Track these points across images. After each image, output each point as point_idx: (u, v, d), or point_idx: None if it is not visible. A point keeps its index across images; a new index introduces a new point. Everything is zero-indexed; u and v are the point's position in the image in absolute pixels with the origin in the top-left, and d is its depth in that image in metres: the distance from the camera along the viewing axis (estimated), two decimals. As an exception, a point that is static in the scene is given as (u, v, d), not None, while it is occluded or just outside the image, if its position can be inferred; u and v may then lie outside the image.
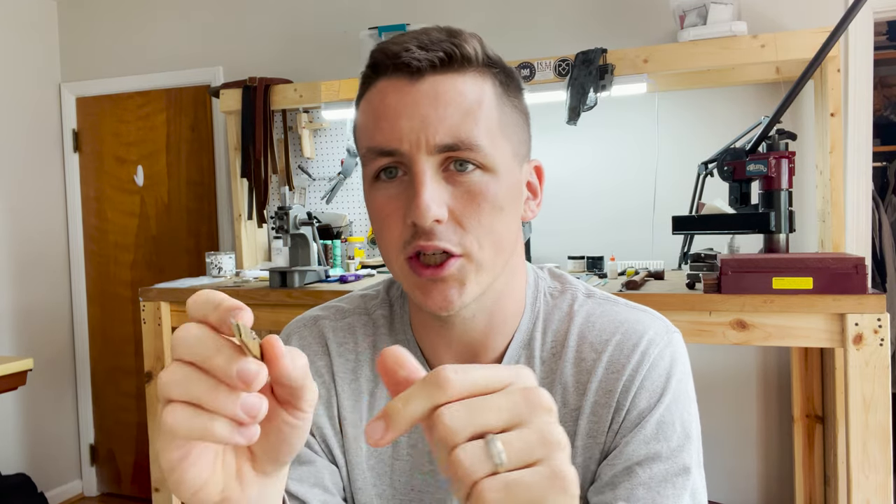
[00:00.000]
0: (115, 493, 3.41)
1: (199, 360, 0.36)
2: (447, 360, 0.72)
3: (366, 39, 2.47)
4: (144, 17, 3.21)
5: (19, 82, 3.16)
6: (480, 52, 0.63)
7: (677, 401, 0.67)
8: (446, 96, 0.61)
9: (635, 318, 0.71)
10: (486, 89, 0.63)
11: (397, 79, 0.62)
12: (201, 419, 0.36)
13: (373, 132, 0.63)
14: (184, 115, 3.18)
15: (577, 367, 0.69)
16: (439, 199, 0.60)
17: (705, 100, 2.44)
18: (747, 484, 2.46)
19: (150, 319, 2.27)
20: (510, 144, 0.65)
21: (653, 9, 2.46)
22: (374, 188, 0.65)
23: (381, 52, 0.64)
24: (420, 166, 0.60)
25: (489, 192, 0.62)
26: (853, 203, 2.25)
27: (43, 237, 3.28)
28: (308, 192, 2.90)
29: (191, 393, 0.36)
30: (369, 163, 0.64)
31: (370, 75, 0.66)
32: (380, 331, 0.76)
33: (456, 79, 0.62)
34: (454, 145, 0.60)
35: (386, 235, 0.64)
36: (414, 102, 0.61)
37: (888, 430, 1.62)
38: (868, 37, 2.24)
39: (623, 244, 2.49)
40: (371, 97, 0.65)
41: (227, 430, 0.36)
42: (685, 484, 0.64)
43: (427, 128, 0.60)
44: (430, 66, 0.61)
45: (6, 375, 2.04)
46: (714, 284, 1.74)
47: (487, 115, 0.62)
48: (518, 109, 0.67)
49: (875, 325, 1.60)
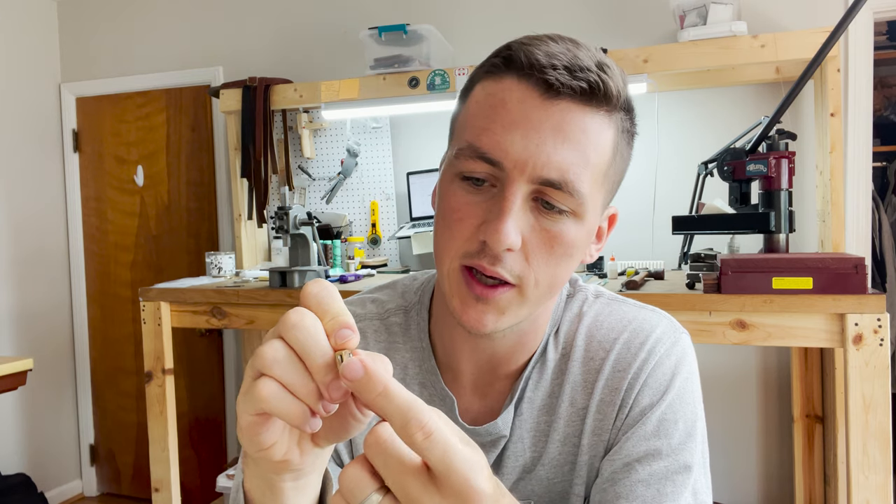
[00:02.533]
0: (115, 493, 3.41)
1: (303, 354, 0.40)
2: (466, 370, 0.71)
3: (366, 39, 2.47)
4: (144, 17, 3.21)
5: (19, 82, 3.16)
6: (623, 94, 0.60)
7: (681, 399, 0.67)
8: (570, 129, 0.57)
9: (643, 316, 0.71)
10: (608, 134, 0.60)
11: (529, 88, 0.58)
12: (287, 402, 0.40)
13: (480, 132, 0.59)
14: (184, 115, 3.18)
15: (585, 367, 0.69)
16: (518, 229, 0.58)
17: (705, 100, 2.44)
18: (747, 484, 2.46)
19: (150, 319, 2.27)
20: (605, 193, 0.63)
21: (653, 9, 2.46)
22: (457, 185, 0.61)
23: (525, 53, 0.58)
24: (514, 190, 0.57)
25: (568, 238, 0.60)
26: (853, 203, 2.25)
27: (43, 237, 3.28)
28: (308, 192, 2.90)
29: (286, 378, 0.40)
30: (463, 159, 0.59)
31: (500, 66, 0.60)
32: (394, 338, 0.75)
33: (587, 114, 0.58)
34: (558, 183, 0.57)
35: (450, 236, 0.61)
36: (538, 122, 0.57)
37: (888, 431, 1.62)
38: (868, 37, 2.24)
39: (623, 244, 2.49)
40: (493, 90, 0.60)
41: (303, 419, 0.41)
42: (686, 482, 0.64)
43: (539, 155, 0.57)
44: (569, 92, 0.57)
45: (6, 375, 2.04)
46: (714, 284, 1.74)
47: (599, 161, 0.60)
48: (625, 159, 0.65)
49: (875, 325, 1.60)
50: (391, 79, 2.46)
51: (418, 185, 2.68)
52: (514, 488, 0.70)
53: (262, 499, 0.48)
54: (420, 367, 0.73)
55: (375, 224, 2.79)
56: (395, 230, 2.78)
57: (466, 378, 0.72)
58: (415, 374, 0.73)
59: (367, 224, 2.81)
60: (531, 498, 0.70)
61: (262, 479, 0.47)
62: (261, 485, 0.47)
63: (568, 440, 0.69)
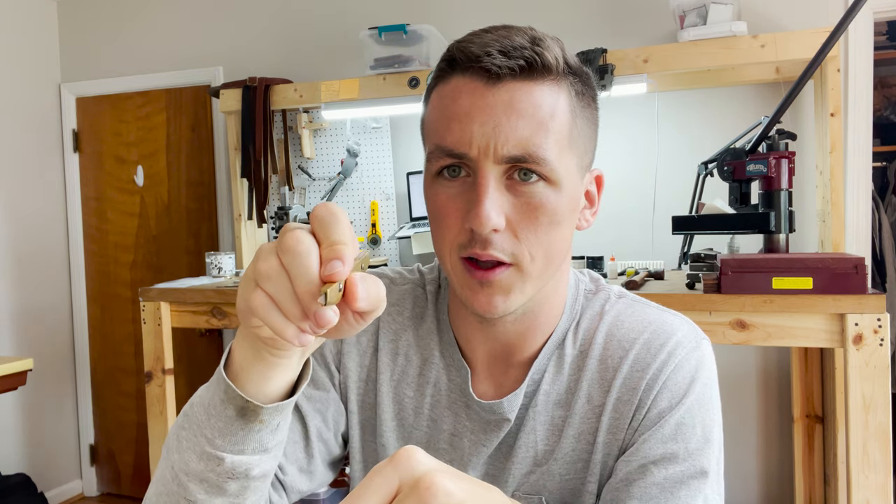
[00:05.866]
0: (115, 493, 3.41)
1: (293, 276, 0.43)
2: (480, 355, 0.73)
3: (366, 39, 2.47)
4: (144, 17, 3.21)
5: (19, 82, 3.16)
6: (561, 60, 0.63)
7: (700, 404, 0.67)
8: (520, 105, 0.61)
9: (665, 319, 0.71)
10: (560, 100, 0.63)
11: (473, 80, 0.62)
12: (275, 316, 0.44)
13: (443, 133, 0.63)
14: (184, 115, 3.18)
15: (602, 364, 0.70)
16: (499, 209, 0.61)
17: (705, 100, 2.44)
18: (747, 484, 2.46)
19: (150, 319, 2.27)
20: (576, 157, 0.65)
21: (653, 9, 2.46)
22: (436, 184, 0.65)
23: (461, 50, 0.63)
24: (485, 174, 0.61)
25: (549, 205, 0.62)
26: (853, 203, 2.25)
27: (43, 237, 3.28)
28: (308, 192, 2.90)
29: (276, 296, 0.44)
30: (435, 160, 0.64)
31: (445, 69, 0.65)
32: (427, 305, 0.79)
33: (533, 88, 0.61)
34: (522, 157, 0.60)
35: (442, 234, 0.65)
36: (488, 108, 0.61)
37: (888, 431, 1.62)
38: (868, 37, 2.24)
39: (623, 244, 2.49)
40: (444, 93, 0.64)
41: (292, 334, 0.44)
42: (700, 487, 0.64)
43: (498, 136, 0.60)
44: (509, 73, 0.61)
45: (6, 375, 2.04)
46: (714, 284, 1.74)
47: (559, 127, 0.62)
48: (589, 120, 0.67)
49: (875, 325, 1.60)
50: (391, 79, 2.46)
51: (418, 185, 2.68)
52: (525, 481, 0.71)
53: (244, 362, 0.52)
54: (441, 339, 0.76)
55: (375, 224, 2.79)
56: (395, 230, 2.78)
57: (481, 365, 0.74)
58: (436, 342, 0.76)
59: (367, 224, 2.81)
60: (542, 493, 0.70)
61: (250, 347, 0.51)
62: (247, 353, 0.51)
63: (582, 437, 0.69)
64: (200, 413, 0.54)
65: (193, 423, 0.55)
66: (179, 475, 0.56)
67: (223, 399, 0.52)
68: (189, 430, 0.55)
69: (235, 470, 0.54)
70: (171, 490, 0.57)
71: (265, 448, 0.55)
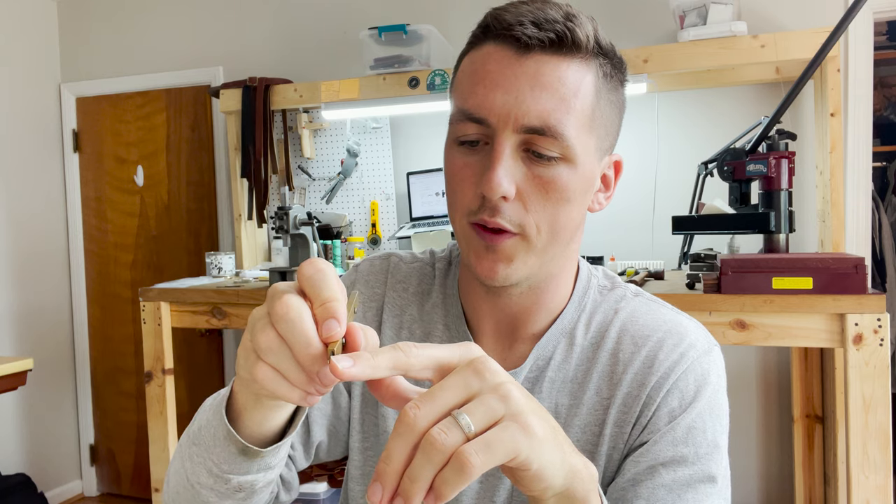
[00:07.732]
0: (115, 493, 3.41)
1: (293, 346, 0.43)
2: (487, 328, 0.74)
3: (366, 39, 2.47)
4: (144, 17, 3.21)
5: (19, 82, 3.16)
6: (592, 39, 0.63)
7: (711, 410, 0.67)
8: (546, 79, 0.61)
9: (680, 321, 0.72)
10: (587, 79, 0.63)
11: (504, 48, 0.62)
12: (282, 385, 0.45)
13: (467, 95, 0.63)
14: (184, 115, 3.18)
15: (614, 358, 0.70)
16: (511, 178, 0.61)
17: (705, 100, 2.44)
18: (747, 484, 2.46)
19: (150, 319, 2.27)
20: (595, 138, 0.65)
21: (653, 9, 2.46)
22: (455, 150, 0.66)
23: (495, 17, 0.64)
24: (501, 141, 0.61)
25: (561, 182, 0.63)
26: (853, 203, 2.25)
27: (43, 237, 3.28)
28: (308, 192, 2.90)
29: (280, 366, 0.44)
30: (457, 123, 0.65)
31: (479, 35, 0.66)
32: (434, 281, 0.80)
33: (560, 63, 0.62)
34: (540, 129, 0.61)
35: (456, 199, 0.66)
36: (514, 77, 0.61)
37: (888, 431, 1.62)
38: (868, 37, 2.24)
39: (623, 244, 2.49)
40: (474, 58, 0.65)
41: (300, 398, 0.45)
42: (708, 492, 0.64)
43: (520, 106, 0.60)
44: (538, 45, 0.61)
45: (6, 375, 2.04)
46: (714, 284, 1.74)
47: (581, 105, 0.62)
48: (614, 104, 0.67)
49: (875, 325, 1.60)
50: (391, 79, 2.46)
51: (418, 185, 2.68)
52: None
53: (246, 404, 0.53)
54: (447, 312, 0.77)
55: (375, 224, 2.79)
56: (395, 230, 2.78)
57: (488, 337, 0.74)
58: (440, 316, 0.77)
59: (367, 224, 2.81)
60: None
61: (252, 395, 0.52)
62: (248, 399, 0.53)
63: (588, 428, 0.69)
64: (208, 439, 0.57)
65: (202, 444, 0.58)
66: (192, 482, 0.60)
67: (226, 436, 0.55)
68: (200, 446, 0.58)
69: (242, 486, 0.58)
70: (187, 488, 0.61)
71: (269, 467, 0.58)
